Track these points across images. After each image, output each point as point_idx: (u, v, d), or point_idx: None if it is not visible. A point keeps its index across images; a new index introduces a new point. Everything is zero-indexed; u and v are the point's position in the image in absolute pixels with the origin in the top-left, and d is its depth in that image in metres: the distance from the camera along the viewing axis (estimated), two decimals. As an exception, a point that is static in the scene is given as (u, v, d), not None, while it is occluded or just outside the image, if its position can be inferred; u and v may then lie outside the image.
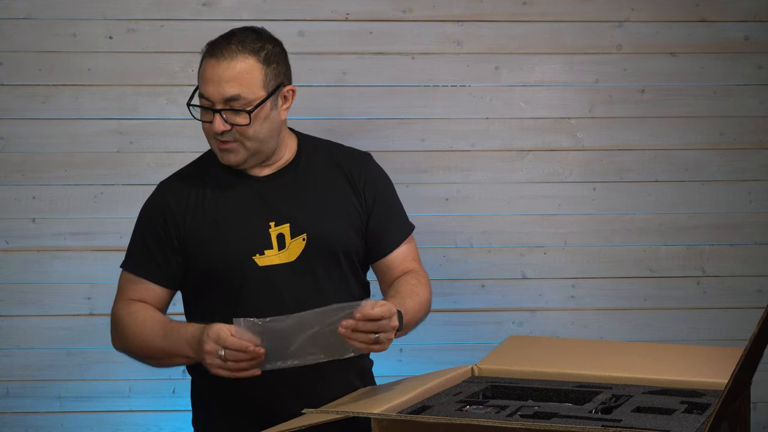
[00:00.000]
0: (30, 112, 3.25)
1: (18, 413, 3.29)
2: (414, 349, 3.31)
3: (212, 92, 2.16)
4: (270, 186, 2.27)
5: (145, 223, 2.30)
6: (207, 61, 2.19)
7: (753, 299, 3.39)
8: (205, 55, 2.20)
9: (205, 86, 2.17)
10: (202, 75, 2.19)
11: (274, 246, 2.22)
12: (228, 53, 2.16)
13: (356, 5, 3.30)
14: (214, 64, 2.16)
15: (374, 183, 2.35)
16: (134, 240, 2.32)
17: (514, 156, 3.36)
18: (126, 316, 2.22)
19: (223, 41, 2.19)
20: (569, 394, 2.01)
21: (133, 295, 2.26)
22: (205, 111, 2.20)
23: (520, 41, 3.34)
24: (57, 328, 3.28)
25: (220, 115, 2.16)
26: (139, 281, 2.26)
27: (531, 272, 3.37)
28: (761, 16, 3.36)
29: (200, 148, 3.24)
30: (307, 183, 2.29)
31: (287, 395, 2.22)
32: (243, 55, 2.17)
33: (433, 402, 1.96)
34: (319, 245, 2.24)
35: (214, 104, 2.17)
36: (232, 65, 2.15)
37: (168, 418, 3.30)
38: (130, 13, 3.25)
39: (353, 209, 2.30)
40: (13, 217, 3.26)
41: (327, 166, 2.32)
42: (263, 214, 2.24)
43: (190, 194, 2.26)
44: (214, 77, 2.16)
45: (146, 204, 2.33)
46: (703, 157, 3.39)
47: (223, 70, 2.15)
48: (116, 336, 2.26)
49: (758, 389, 2.55)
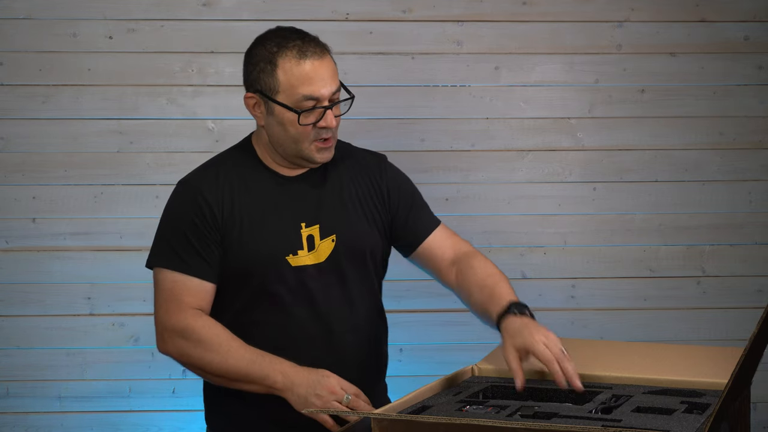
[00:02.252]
0: (30, 112, 3.25)
1: (18, 413, 3.29)
2: (414, 349, 3.31)
3: (324, 92, 2.17)
4: (300, 186, 2.28)
5: (183, 219, 2.23)
6: (303, 62, 2.17)
7: (753, 299, 3.39)
8: (288, 56, 2.17)
9: (315, 86, 2.16)
10: (306, 77, 2.16)
11: (305, 246, 2.23)
12: (320, 51, 2.19)
13: (356, 5, 3.30)
14: (317, 64, 2.17)
15: (397, 185, 2.38)
16: (173, 238, 2.24)
17: (514, 156, 3.36)
18: (203, 329, 2.18)
19: (302, 41, 2.19)
20: (569, 394, 2.01)
21: (193, 302, 2.21)
22: (305, 114, 2.19)
23: (520, 41, 3.34)
24: (57, 328, 3.28)
25: (331, 111, 2.18)
26: (192, 282, 2.21)
27: (531, 272, 3.37)
28: (761, 16, 3.36)
29: (200, 148, 3.26)
30: (334, 185, 2.30)
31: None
32: (327, 52, 2.22)
33: (433, 402, 1.96)
34: (347, 246, 2.26)
35: (323, 102, 2.18)
36: (327, 61, 2.20)
37: (168, 418, 3.30)
38: (130, 13, 3.25)
39: (376, 211, 2.32)
40: (13, 217, 3.26)
41: (350, 168, 2.34)
42: (295, 215, 2.24)
43: (225, 192, 2.24)
44: (320, 75, 2.17)
45: (177, 201, 2.28)
46: (703, 157, 3.39)
47: (326, 68, 2.18)
48: (178, 346, 2.20)
49: (758, 389, 2.55)
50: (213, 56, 3.28)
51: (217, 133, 3.29)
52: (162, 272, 2.24)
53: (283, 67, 2.17)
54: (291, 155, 2.24)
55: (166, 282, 2.23)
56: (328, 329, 2.24)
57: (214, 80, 3.28)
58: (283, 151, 2.24)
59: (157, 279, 2.25)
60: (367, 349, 2.32)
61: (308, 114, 2.17)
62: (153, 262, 2.26)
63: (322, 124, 2.18)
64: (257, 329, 2.22)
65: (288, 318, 2.21)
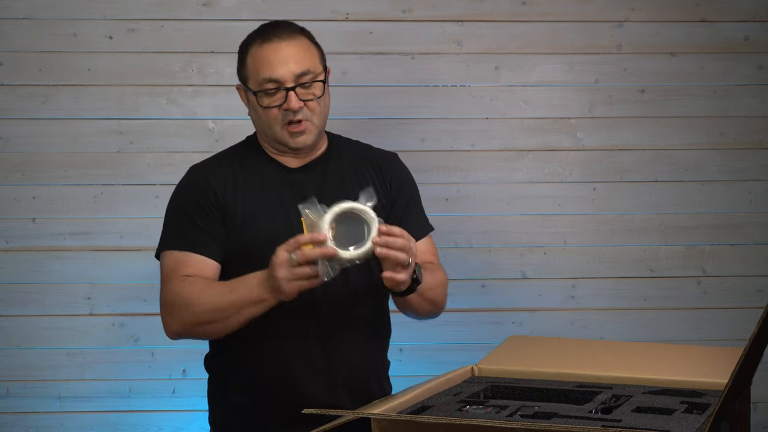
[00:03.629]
0: (30, 112, 3.25)
1: (18, 413, 3.29)
2: (414, 349, 3.31)
3: (283, 72, 2.19)
4: (303, 176, 2.30)
5: (188, 201, 2.27)
6: (265, 45, 2.22)
7: (753, 299, 3.39)
8: (255, 42, 2.23)
9: (273, 68, 2.19)
10: (265, 59, 2.21)
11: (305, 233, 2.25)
12: (286, 34, 2.22)
13: (356, 5, 3.30)
14: (276, 45, 2.21)
15: (400, 178, 2.40)
16: (177, 220, 2.27)
17: (514, 156, 3.36)
18: (185, 288, 2.19)
19: (271, 28, 2.24)
20: (569, 394, 2.01)
21: (186, 272, 2.22)
22: (270, 96, 2.21)
23: (520, 41, 3.34)
24: (57, 328, 3.28)
25: (294, 92, 2.18)
26: (192, 258, 2.22)
27: (531, 272, 3.37)
28: (761, 16, 3.36)
29: (200, 148, 3.26)
30: (336, 175, 2.33)
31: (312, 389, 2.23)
32: (298, 35, 2.24)
33: (433, 402, 1.96)
34: None
35: (285, 83, 2.19)
36: (294, 43, 2.22)
37: (168, 418, 3.29)
38: (130, 13, 3.25)
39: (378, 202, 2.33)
40: (13, 217, 3.26)
41: (355, 161, 2.37)
42: (296, 202, 2.26)
43: (228, 177, 2.28)
44: (280, 57, 2.20)
45: (182, 186, 2.32)
46: (703, 157, 3.39)
47: (288, 49, 2.20)
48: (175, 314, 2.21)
49: (758, 389, 2.55)
50: (213, 56, 3.28)
51: (217, 133, 3.29)
52: (166, 256, 2.27)
53: (250, 54, 2.24)
54: (271, 141, 2.29)
55: (168, 263, 2.25)
56: (326, 315, 2.25)
57: (214, 80, 3.28)
58: (266, 137, 2.29)
59: (162, 264, 2.27)
60: (366, 332, 2.32)
61: (270, 96, 2.20)
62: (159, 249, 2.29)
63: (285, 106, 2.20)
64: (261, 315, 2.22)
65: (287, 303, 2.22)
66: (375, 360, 2.36)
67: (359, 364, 2.27)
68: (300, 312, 2.23)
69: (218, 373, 2.34)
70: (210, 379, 2.37)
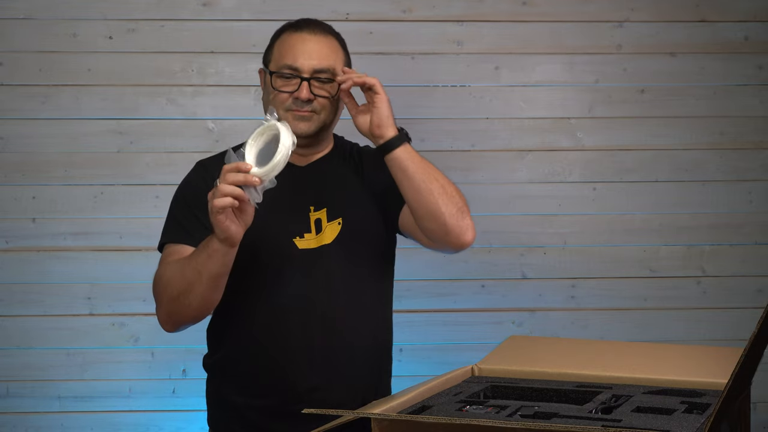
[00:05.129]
0: (30, 112, 3.25)
1: (18, 413, 3.29)
2: (414, 349, 3.31)
3: (303, 62, 2.22)
4: (309, 174, 2.32)
5: (190, 196, 2.27)
6: (295, 35, 2.25)
7: (753, 299, 3.39)
8: (287, 30, 2.27)
9: (295, 57, 2.23)
10: (290, 47, 2.24)
11: (312, 230, 2.26)
12: (318, 30, 2.26)
13: (356, 5, 3.30)
14: (306, 37, 2.24)
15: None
16: (179, 214, 2.28)
17: (514, 156, 3.36)
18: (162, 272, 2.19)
19: (306, 22, 2.28)
20: (569, 394, 2.00)
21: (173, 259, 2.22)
22: (284, 80, 2.23)
23: (520, 41, 3.34)
24: (57, 328, 3.28)
25: (308, 83, 2.22)
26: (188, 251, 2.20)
27: (531, 272, 3.37)
28: (761, 16, 3.36)
29: (200, 148, 3.26)
30: (341, 174, 2.34)
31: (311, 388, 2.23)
32: (329, 35, 2.28)
33: (433, 402, 1.96)
34: (353, 228, 2.28)
35: (302, 73, 2.22)
36: (322, 40, 2.25)
37: (168, 418, 3.30)
38: (130, 13, 3.26)
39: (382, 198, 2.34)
40: (13, 217, 3.26)
41: (359, 162, 2.38)
42: (303, 200, 2.27)
43: None
44: (305, 48, 2.23)
45: (187, 180, 2.32)
46: (703, 157, 3.39)
47: (316, 44, 2.24)
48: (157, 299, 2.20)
49: (758, 389, 2.55)
50: (213, 56, 3.28)
51: (217, 133, 3.29)
52: (166, 249, 2.26)
53: (279, 39, 2.27)
54: None
55: (165, 256, 2.25)
56: (331, 311, 2.25)
57: (214, 80, 3.29)
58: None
59: (161, 257, 2.26)
60: (369, 329, 2.32)
61: (285, 80, 2.22)
62: (161, 242, 2.29)
63: (296, 94, 2.22)
64: (263, 310, 2.23)
65: (293, 300, 2.22)
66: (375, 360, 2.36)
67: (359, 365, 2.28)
68: (299, 312, 2.23)
69: (216, 372, 2.34)
70: (208, 378, 2.37)
